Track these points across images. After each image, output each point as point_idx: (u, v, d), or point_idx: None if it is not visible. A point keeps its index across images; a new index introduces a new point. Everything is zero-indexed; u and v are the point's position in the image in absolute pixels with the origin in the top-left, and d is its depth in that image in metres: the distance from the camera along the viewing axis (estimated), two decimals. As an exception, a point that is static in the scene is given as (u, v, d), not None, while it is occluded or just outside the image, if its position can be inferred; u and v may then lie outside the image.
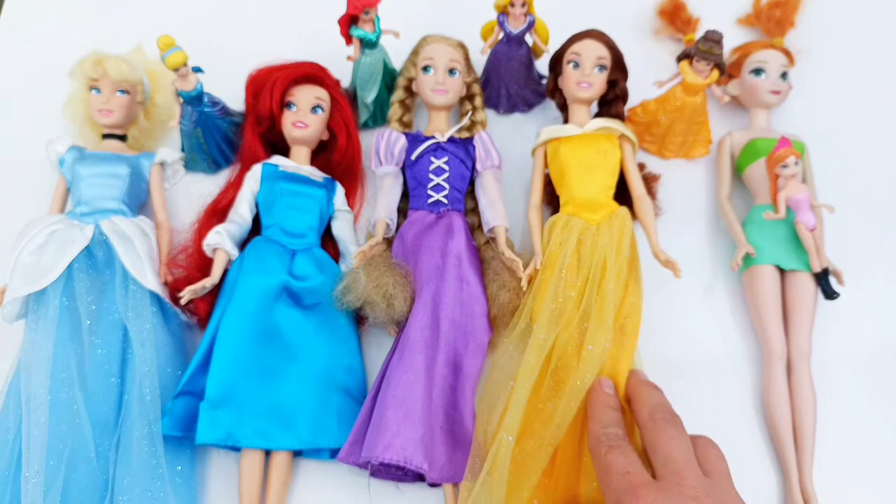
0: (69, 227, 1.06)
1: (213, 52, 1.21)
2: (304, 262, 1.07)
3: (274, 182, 1.10)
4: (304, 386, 1.00)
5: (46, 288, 1.01)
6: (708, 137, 1.24)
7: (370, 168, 1.18)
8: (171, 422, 0.96)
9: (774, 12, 1.34)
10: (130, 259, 1.04)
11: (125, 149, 1.16)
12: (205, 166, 1.21)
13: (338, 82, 1.19)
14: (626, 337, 0.99)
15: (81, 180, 1.10)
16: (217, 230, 1.06)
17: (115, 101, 1.13)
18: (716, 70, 1.14)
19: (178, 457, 0.98)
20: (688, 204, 1.22)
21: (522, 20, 1.16)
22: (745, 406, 1.08)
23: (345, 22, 1.12)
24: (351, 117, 1.19)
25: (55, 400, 0.95)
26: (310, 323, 1.03)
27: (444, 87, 1.15)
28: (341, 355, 1.03)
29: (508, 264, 1.05)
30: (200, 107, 1.12)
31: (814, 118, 1.29)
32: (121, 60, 1.13)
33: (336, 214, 1.14)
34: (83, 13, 1.41)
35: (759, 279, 1.09)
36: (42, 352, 0.97)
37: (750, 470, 1.04)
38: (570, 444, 0.95)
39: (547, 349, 0.97)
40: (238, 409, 0.96)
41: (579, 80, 1.12)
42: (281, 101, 1.13)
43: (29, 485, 0.91)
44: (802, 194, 1.08)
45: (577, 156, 1.09)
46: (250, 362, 0.98)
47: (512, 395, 0.96)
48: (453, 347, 1.01)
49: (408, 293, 1.02)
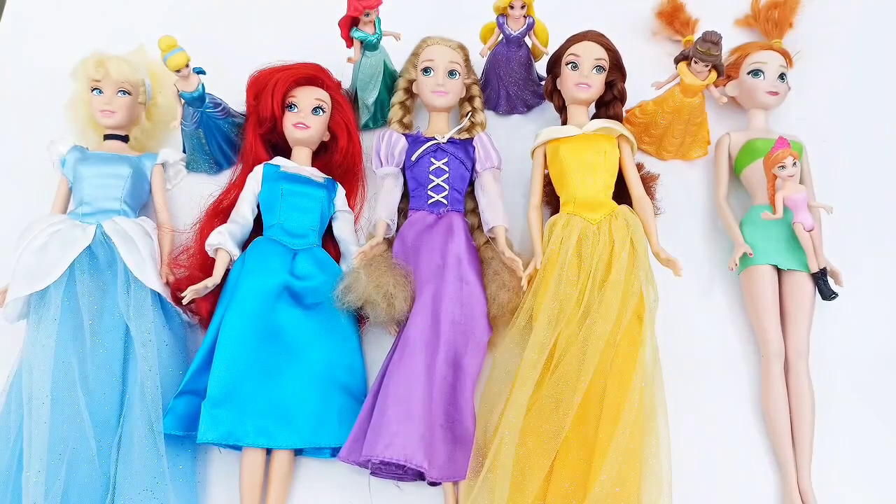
0: (71, 227, 1.06)
1: (214, 53, 1.21)
2: (305, 261, 1.07)
3: (275, 182, 1.11)
4: (305, 385, 1.00)
5: (48, 288, 1.02)
6: (706, 138, 1.25)
7: (371, 169, 1.19)
8: (173, 421, 0.97)
9: (773, 13, 1.34)
10: (133, 259, 1.04)
11: (127, 149, 1.17)
12: (206, 167, 1.22)
13: (339, 84, 1.20)
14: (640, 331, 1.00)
15: (83, 181, 1.10)
16: (219, 230, 1.06)
17: (117, 102, 1.14)
18: (714, 71, 1.14)
19: (180, 456, 0.99)
20: (686, 204, 1.23)
21: (522, 22, 1.16)
22: (743, 405, 1.08)
23: (345, 24, 1.12)
24: (352, 118, 1.19)
25: (56, 399, 0.96)
26: (311, 322, 1.04)
27: (443, 88, 1.16)
28: (342, 354, 1.04)
29: (508, 264, 1.06)
30: (202, 108, 1.12)
31: (812, 119, 1.29)
32: (122, 61, 1.13)
33: (337, 215, 1.15)
34: (84, 14, 1.41)
35: (756, 279, 1.10)
36: (43, 351, 0.98)
37: (748, 469, 1.04)
38: (575, 441, 0.96)
39: (548, 347, 0.98)
40: (239, 407, 0.97)
41: (578, 81, 1.12)
42: (282, 103, 1.13)
43: (30, 483, 0.91)
44: (800, 194, 1.08)
45: (576, 156, 1.09)
46: (252, 361, 0.99)
47: (513, 393, 0.97)
48: (453, 347, 1.02)
49: (408, 293, 1.03)
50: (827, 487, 1.01)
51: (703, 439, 1.05)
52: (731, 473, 1.04)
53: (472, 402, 1.01)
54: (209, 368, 0.98)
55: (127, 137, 1.18)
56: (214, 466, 1.02)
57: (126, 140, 1.18)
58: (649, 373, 0.98)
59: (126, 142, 1.18)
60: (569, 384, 0.96)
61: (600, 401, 0.96)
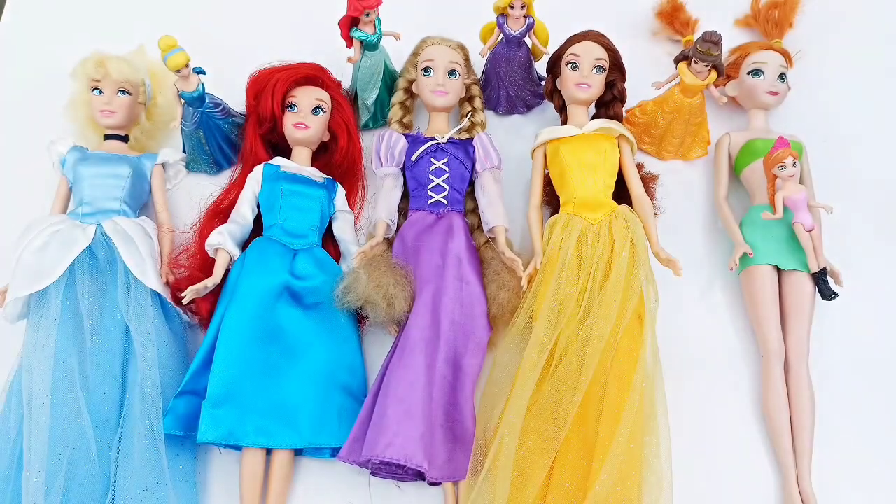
0: (71, 227, 1.06)
1: (214, 54, 1.21)
2: (305, 261, 1.07)
3: (275, 182, 1.11)
4: (306, 385, 1.00)
5: (48, 288, 1.02)
6: (706, 138, 1.25)
7: (371, 169, 1.19)
8: (173, 421, 0.97)
9: (773, 13, 1.34)
10: (133, 259, 1.04)
11: (127, 149, 1.17)
12: (206, 167, 1.22)
13: (339, 83, 1.20)
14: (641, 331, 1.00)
15: (83, 181, 1.10)
16: (219, 231, 1.06)
17: (117, 102, 1.14)
18: (714, 71, 1.14)
19: (180, 456, 0.99)
20: (686, 204, 1.23)
21: (522, 22, 1.16)
22: (743, 405, 1.08)
23: (345, 24, 1.12)
24: (352, 118, 1.19)
25: (56, 399, 0.96)
26: (311, 322, 1.04)
27: (444, 88, 1.16)
28: (342, 354, 1.04)
29: (509, 264, 1.06)
30: (202, 108, 1.12)
31: (812, 119, 1.29)
32: (122, 61, 1.13)
33: (337, 215, 1.15)
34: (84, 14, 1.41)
35: (756, 279, 1.10)
36: (43, 351, 0.98)
37: (748, 469, 1.04)
38: (575, 440, 0.96)
39: (549, 347, 0.98)
40: (239, 407, 0.97)
41: (578, 81, 1.12)
42: (282, 103, 1.13)
43: (30, 484, 0.91)
44: (800, 194, 1.08)
45: (577, 156, 1.09)
46: (252, 361, 0.99)
47: (513, 393, 0.97)
48: (453, 346, 1.02)
49: (408, 293, 1.03)
50: (827, 487, 1.00)
51: (703, 439, 1.05)
52: (731, 473, 1.04)
53: (472, 402, 1.01)
54: (209, 368, 0.98)
55: (127, 137, 1.18)
56: (214, 466, 1.02)
57: (126, 140, 1.18)
58: (650, 372, 0.98)
59: (126, 142, 1.18)
60: (569, 384, 0.96)
61: (600, 401, 0.96)
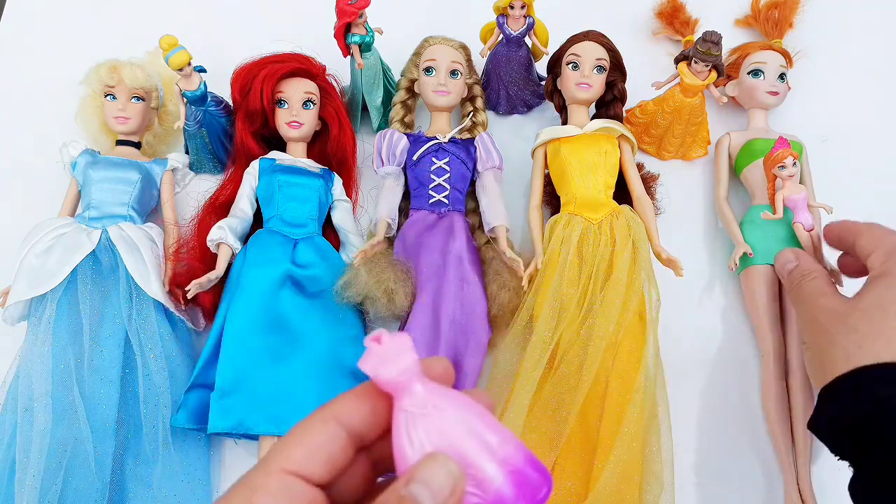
0: (76, 231, 1.06)
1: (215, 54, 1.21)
2: (306, 250, 1.08)
3: (272, 175, 1.11)
4: (314, 372, 1.00)
5: (49, 291, 1.01)
6: (706, 138, 1.25)
7: (371, 168, 1.19)
8: (185, 415, 0.97)
9: (773, 13, 1.35)
10: (136, 268, 1.04)
11: (139, 155, 1.17)
12: (211, 167, 1.22)
13: (324, 68, 1.18)
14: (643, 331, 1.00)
15: (92, 184, 1.10)
16: (219, 225, 1.07)
17: (131, 108, 1.14)
18: (714, 71, 1.14)
19: (192, 450, 0.99)
20: (686, 204, 1.23)
21: (522, 22, 1.16)
22: (742, 405, 1.08)
23: (340, 33, 1.12)
24: (341, 106, 1.19)
25: (55, 403, 0.96)
26: (315, 310, 1.04)
27: (445, 88, 1.16)
28: (348, 341, 1.04)
29: (509, 264, 1.06)
30: (204, 106, 1.12)
31: (812, 119, 1.30)
32: (136, 67, 1.13)
33: (335, 204, 1.16)
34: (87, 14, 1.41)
35: (756, 279, 1.10)
36: (42, 355, 0.98)
37: (748, 469, 1.04)
38: (577, 440, 0.96)
39: (550, 347, 0.98)
40: (248, 396, 0.97)
41: (578, 81, 1.13)
42: (272, 99, 1.13)
43: (24, 488, 0.91)
44: (800, 194, 1.08)
45: (577, 156, 1.09)
46: (258, 350, 0.99)
47: (514, 393, 0.97)
48: (453, 347, 1.02)
49: (409, 288, 1.03)
50: (827, 487, 1.01)
51: (704, 439, 1.05)
52: (731, 473, 1.04)
53: (473, 402, 1.01)
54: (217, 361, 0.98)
55: (139, 144, 1.18)
56: (227, 459, 1.03)
57: (139, 147, 1.18)
58: (651, 372, 0.98)
59: (139, 148, 1.18)
60: (570, 384, 0.97)
61: (602, 400, 0.96)
